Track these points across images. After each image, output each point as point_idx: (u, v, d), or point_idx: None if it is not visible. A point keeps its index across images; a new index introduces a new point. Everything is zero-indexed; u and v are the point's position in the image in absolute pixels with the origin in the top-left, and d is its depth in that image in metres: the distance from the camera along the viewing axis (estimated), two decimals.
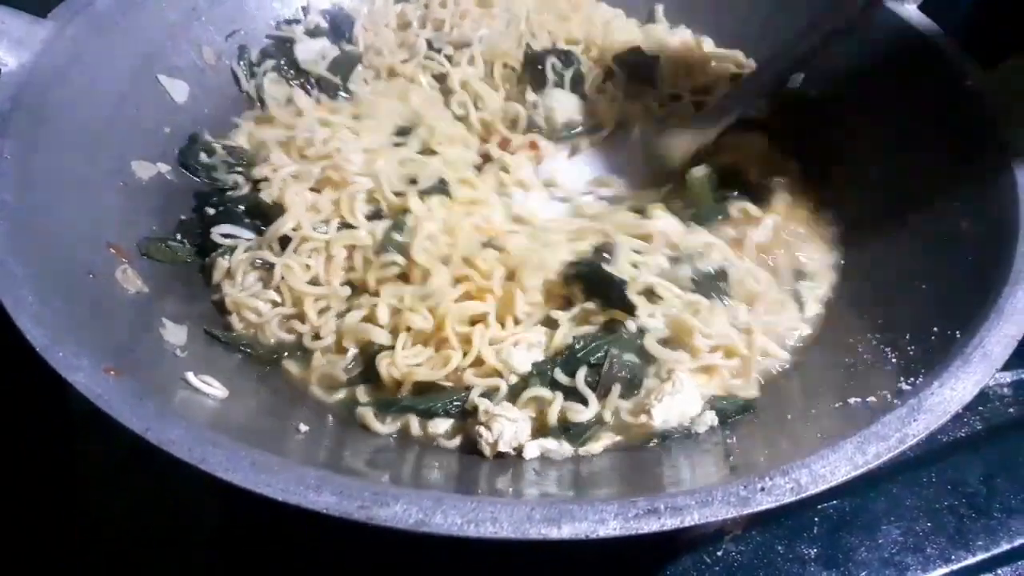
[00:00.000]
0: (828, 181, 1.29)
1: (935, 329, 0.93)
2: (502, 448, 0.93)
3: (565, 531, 0.68)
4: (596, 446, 0.96)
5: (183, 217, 1.19)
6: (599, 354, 0.99)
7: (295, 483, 0.70)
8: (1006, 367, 0.85)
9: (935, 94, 1.18)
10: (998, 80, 1.11)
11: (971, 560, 1.05)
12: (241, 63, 1.38)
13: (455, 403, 0.98)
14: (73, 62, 1.11)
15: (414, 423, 0.98)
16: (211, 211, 1.18)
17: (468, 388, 0.99)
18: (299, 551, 1.03)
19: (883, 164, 1.23)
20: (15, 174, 0.96)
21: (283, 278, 1.09)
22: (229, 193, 1.20)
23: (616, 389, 0.98)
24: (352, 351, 1.05)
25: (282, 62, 1.40)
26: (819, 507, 1.09)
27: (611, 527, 0.69)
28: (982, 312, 0.89)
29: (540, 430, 0.97)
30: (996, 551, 1.06)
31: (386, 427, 0.98)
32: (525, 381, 0.99)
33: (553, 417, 0.97)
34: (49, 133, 1.04)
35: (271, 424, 0.94)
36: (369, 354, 1.04)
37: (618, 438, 0.98)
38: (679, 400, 0.96)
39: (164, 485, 1.05)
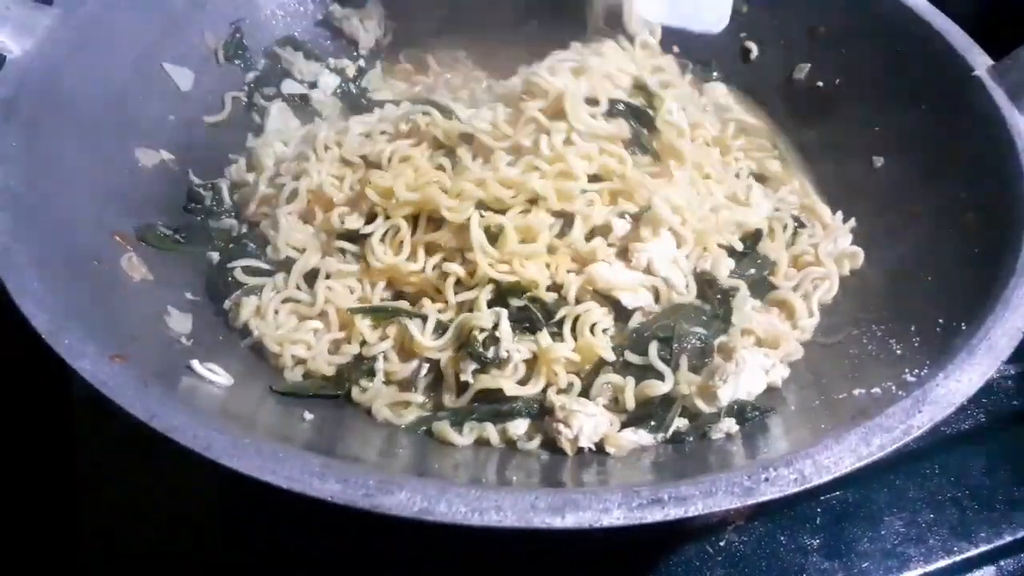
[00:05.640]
0: (833, 172, 1.28)
1: (940, 321, 0.93)
2: (583, 443, 0.93)
3: (569, 520, 0.68)
4: (668, 432, 0.95)
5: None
6: (667, 330, 1.01)
7: (300, 470, 0.70)
8: (1011, 359, 0.85)
9: (941, 84, 1.17)
10: (1006, 70, 1.11)
11: (973, 552, 1.05)
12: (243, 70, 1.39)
13: (534, 402, 0.98)
14: (78, 49, 1.10)
15: (492, 432, 0.96)
16: (216, 256, 1.14)
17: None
18: (304, 538, 1.03)
19: (888, 155, 1.22)
20: (20, 161, 0.96)
21: (327, 301, 1.06)
22: (222, 235, 1.19)
23: (684, 362, 0.98)
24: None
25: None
26: (822, 498, 1.09)
27: (615, 516, 0.69)
28: (987, 304, 0.89)
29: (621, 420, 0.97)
30: (999, 543, 1.06)
31: (464, 438, 0.96)
32: (596, 369, 1.00)
33: (630, 400, 0.97)
34: (54, 120, 1.04)
35: (276, 412, 0.95)
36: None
37: (687, 422, 0.97)
38: (744, 380, 0.97)
39: (166, 472, 1.05)
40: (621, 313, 1.04)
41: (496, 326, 0.99)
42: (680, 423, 0.96)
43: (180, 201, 1.20)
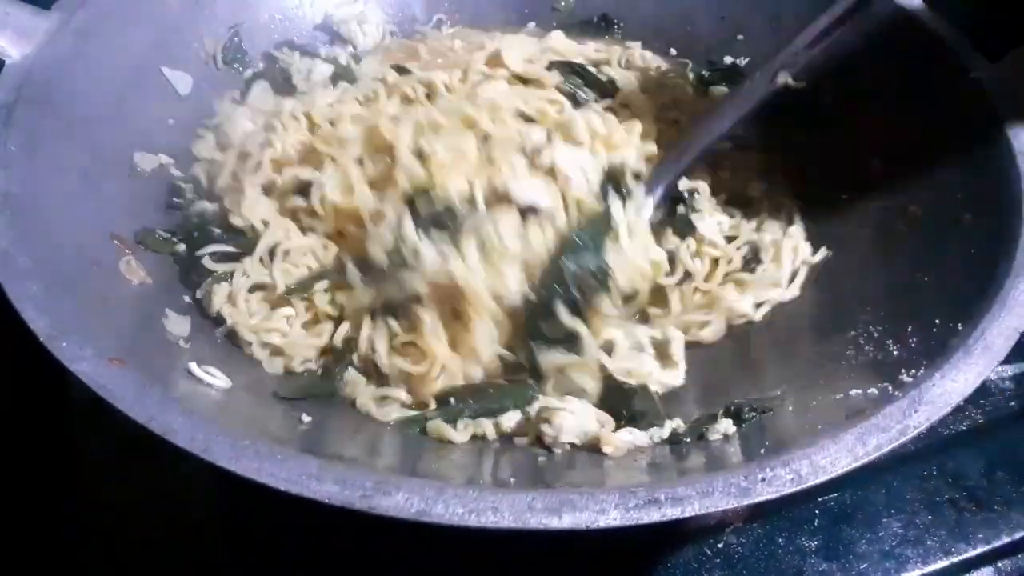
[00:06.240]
0: (829, 174, 1.29)
1: (937, 321, 0.93)
2: (565, 439, 0.93)
3: (566, 521, 0.68)
4: (664, 431, 0.95)
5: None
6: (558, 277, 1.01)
7: (298, 472, 0.71)
8: (1007, 360, 0.85)
9: (938, 86, 1.17)
10: (1003, 72, 1.11)
11: (971, 553, 1.05)
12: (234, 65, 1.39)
13: (522, 395, 0.99)
14: (77, 54, 1.11)
15: (487, 426, 0.97)
16: (183, 247, 1.12)
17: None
18: (302, 540, 1.03)
19: (885, 156, 1.22)
20: (19, 166, 0.96)
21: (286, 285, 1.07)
22: (196, 220, 1.16)
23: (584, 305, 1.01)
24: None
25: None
26: (820, 499, 1.09)
27: (611, 517, 0.69)
28: (984, 304, 0.89)
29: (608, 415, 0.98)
30: (997, 544, 1.06)
31: (460, 435, 0.96)
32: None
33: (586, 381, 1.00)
34: (52, 125, 1.04)
35: (274, 414, 0.95)
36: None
37: (681, 424, 0.97)
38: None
39: (165, 475, 1.05)
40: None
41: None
42: (675, 424, 0.96)
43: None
